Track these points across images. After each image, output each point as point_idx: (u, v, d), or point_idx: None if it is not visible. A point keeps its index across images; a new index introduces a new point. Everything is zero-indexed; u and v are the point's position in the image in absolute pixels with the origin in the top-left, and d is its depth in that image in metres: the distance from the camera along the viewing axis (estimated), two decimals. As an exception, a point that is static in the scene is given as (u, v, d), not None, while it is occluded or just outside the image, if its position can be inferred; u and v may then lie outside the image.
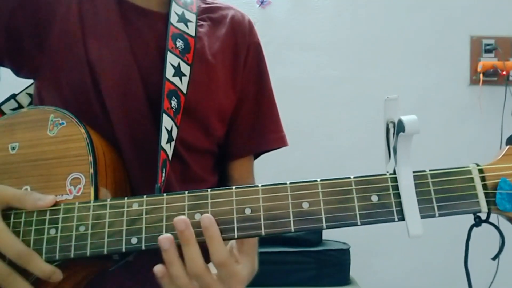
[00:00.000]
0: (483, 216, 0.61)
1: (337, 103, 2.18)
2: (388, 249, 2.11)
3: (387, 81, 2.16)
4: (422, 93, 2.17)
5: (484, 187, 0.60)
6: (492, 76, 2.14)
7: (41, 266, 0.61)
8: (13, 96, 0.90)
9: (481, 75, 2.12)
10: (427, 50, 2.19)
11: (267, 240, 1.83)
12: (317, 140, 2.15)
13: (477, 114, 2.15)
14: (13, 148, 0.71)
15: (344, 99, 2.18)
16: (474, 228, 0.62)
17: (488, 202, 0.60)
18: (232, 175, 0.96)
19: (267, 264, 1.77)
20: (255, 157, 1.00)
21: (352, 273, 1.84)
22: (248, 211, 0.60)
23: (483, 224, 0.61)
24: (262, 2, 2.19)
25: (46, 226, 0.63)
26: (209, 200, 0.61)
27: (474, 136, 2.13)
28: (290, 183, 0.61)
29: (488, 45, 2.16)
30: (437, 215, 0.60)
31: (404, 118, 0.57)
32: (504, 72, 2.09)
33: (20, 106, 0.89)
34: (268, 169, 1.02)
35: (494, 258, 0.63)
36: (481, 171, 0.61)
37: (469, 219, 0.62)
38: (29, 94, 0.90)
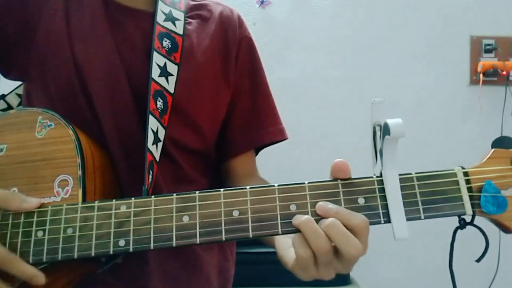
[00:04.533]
0: (468, 218, 0.62)
1: (337, 103, 2.17)
2: (388, 249, 2.10)
3: (387, 81, 2.15)
4: (422, 93, 2.16)
5: (469, 189, 0.61)
6: (492, 76, 2.13)
7: (22, 268, 0.61)
8: (3, 97, 0.90)
9: (481, 75, 2.11)
10: (427, 50, 2.18)
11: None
12: (317, 140, 2.14)
13: (477, 114, 2.14)
14: (1, 150, 0.70)
15: (344, 99, 2.17)
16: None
17: (472, 205, 0.61)
18: (236, 172, 0.95)
19: (267, 264, 1.76)
20: (256, 153, 0.99)
21: (352, 273, 1.83)
22: (236, 213, 0.60)
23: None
24: (262, 2, 2.18)
25: (34, 228, 0.63)
26: (197, 203, 0.61)
27: (474, 136, 2.12)
28: (278, 185, 0.62)
29: (488, 45, 2.15)
30: (422, 217, 0.61)
31: (389, 122, 0.58)
32: (504, 72, 2.08)
33: (10, 107, 0.89)
34: (267, 169, 1.02)
35: (478, 261, 0.64)
36: (466, 174, 0.62)
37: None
38: (19, 95, 0.90)
